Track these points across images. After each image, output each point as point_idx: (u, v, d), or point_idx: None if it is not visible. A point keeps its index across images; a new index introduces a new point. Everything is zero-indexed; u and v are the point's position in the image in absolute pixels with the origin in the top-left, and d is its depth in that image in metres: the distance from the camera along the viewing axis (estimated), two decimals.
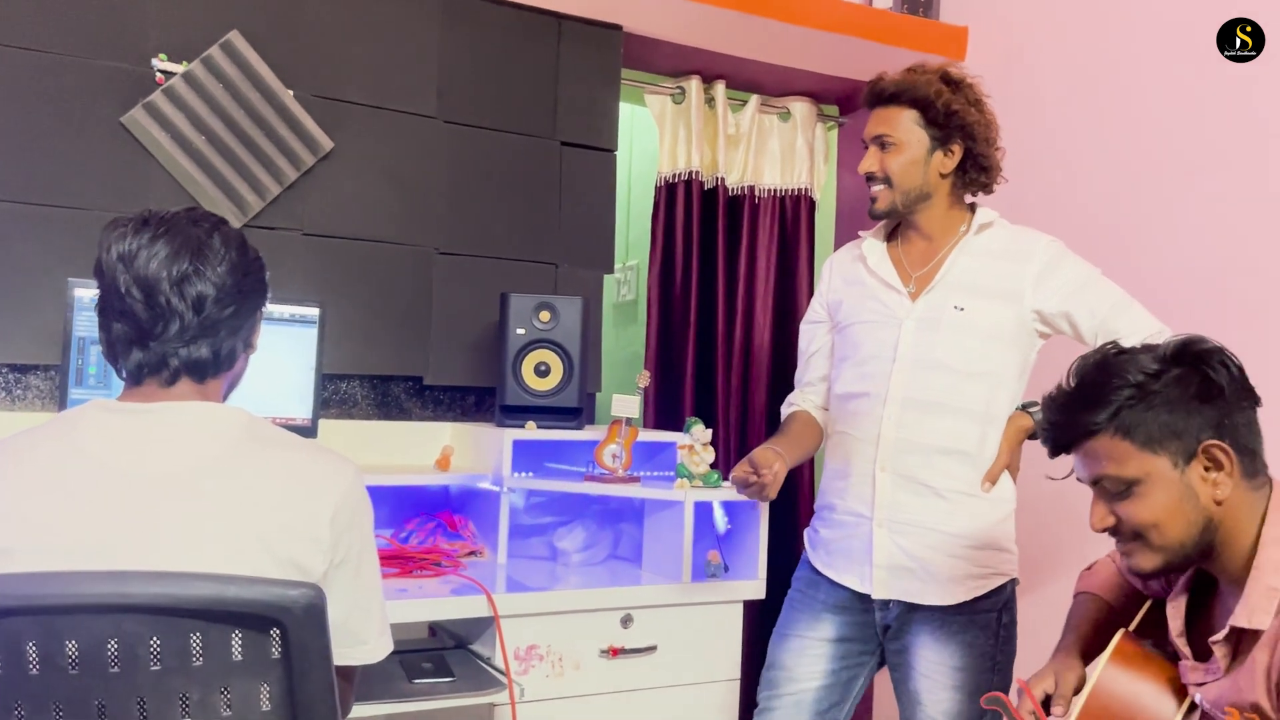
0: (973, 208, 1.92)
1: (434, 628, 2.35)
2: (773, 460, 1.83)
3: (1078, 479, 1.37)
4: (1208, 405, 1.26)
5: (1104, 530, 1.35)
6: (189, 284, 1.29)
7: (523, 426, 2.41)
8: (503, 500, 2.37)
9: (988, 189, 1.91)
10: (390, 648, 1.46)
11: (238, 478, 1.28)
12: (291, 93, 2.44)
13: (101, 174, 2.30)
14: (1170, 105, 2.40)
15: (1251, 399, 1.30)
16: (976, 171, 1.87)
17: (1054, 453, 1.38)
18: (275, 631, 1.17)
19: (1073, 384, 1.33)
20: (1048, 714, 1.42)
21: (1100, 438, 1.30)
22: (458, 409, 2.74)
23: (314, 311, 2.28)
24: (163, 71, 2.31)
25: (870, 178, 1.89)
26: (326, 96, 2.53)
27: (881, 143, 1.87)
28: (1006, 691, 1.49)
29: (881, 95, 1.87)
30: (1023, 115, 2.77)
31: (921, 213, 1.89)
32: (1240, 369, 1.29)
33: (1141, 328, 1.78)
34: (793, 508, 3.06)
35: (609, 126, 2.89)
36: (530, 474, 2.45)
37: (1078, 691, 1.50)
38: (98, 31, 2.29)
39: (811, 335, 2.08)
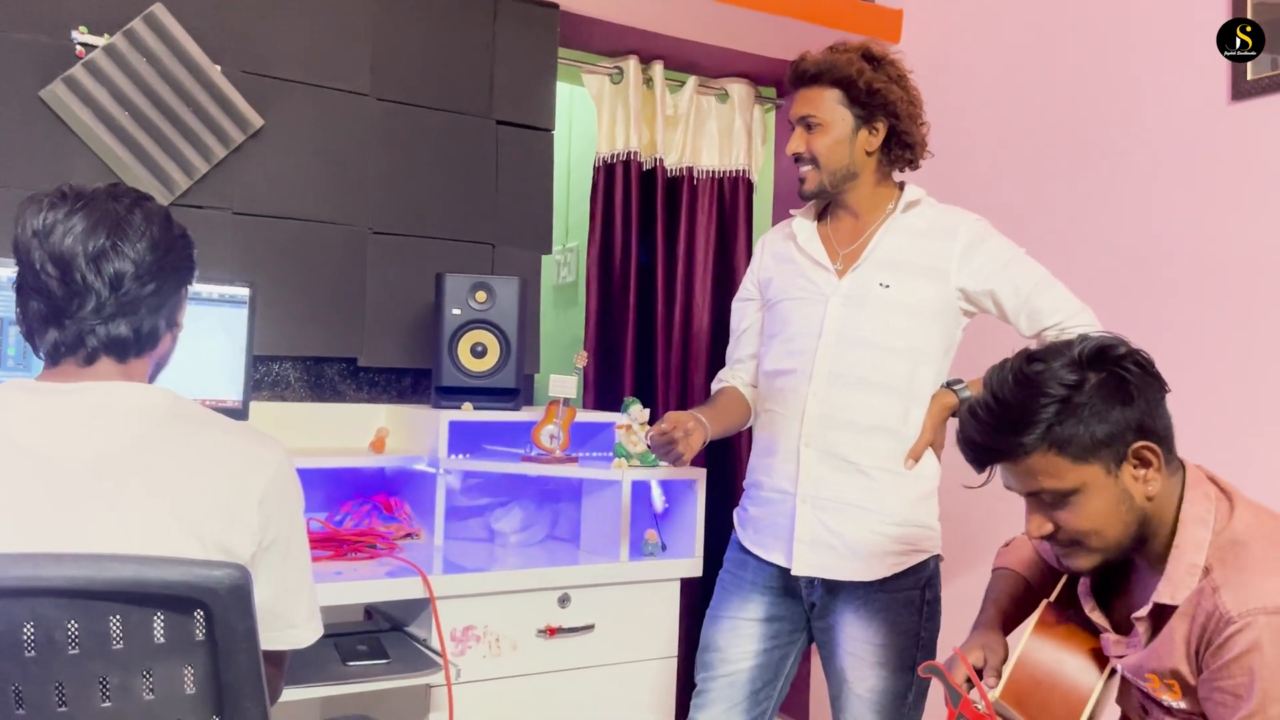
0: (901, 186, 1.94)
1: (370, 610, 2.34)
2: (687, 420, 1.83)
3: (1006, 488, 1.38)
4: (1129, 408, 1.29)
5: (1041, 538, 1.36)
6: (106, 260, 1.25)
7: (459, 408, 2.40)
8: (439, 482, 2.35)
9: (914, 165, 1.93)
10: (320, 632, 1.44)
11: (160, 459, 1.25)
12: (219, 68, 2.38)
13: (20, 151, 2.23)
14: (1101, 86, 2.45)
15: (1162, 389, 1.33)
16: (901, 148, 1.89)
17: (981, 469, 1.38)
18: (199, 613, 1.15)
19: (994, 402, 1.32)
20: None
21: (1033, 456, 1.30)
22: (393, 391, 2.72)
23: (244, 292, 2.24)
24: (83, 44, 2.24)
25: (798, 158, 1.90)
26: (256, 72, 2.47)
27: (807, 123, 1.87)
28: (938, 674, 1.52)
29: (804, 75, 1.87)
30: (957, 96, 2.81)
31: (850, 191, 1.90)
32: (1150, 362, 1.31)
33: (1063, 307, 1.81)
34: (730, 487, 3.09)
35: (546, 106, 2.87)
36: (466, 455, 2.43)
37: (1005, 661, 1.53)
38: (14, 2, 2.22)
39: (742, 312, 2.09)
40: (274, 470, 1.33)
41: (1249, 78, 2.15)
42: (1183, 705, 1.30)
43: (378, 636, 2.12)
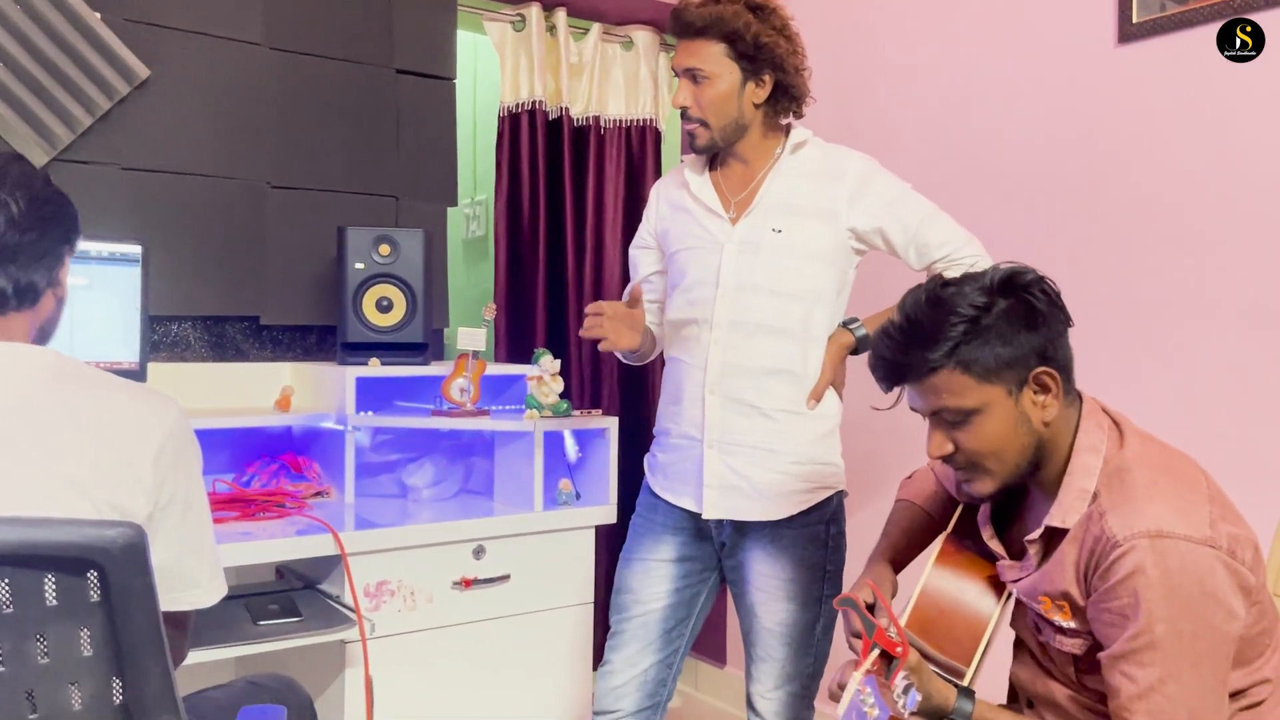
0: (788, 129, 1.95)
1: (281, 570, 2.31)
2: (618, 304, 1.86)
3: (911, 408, 1.41)
4: (1034, 333, 1.32)
5: (941, 458, 1.39)
6: None
7: (366, 364, 2.36)
8: (347, 439, 2.32)
9: (798, 114, 1.93)
10: (224, 591, 1.42)
11: (47, 419, 1.21)
12: (99, 15, 2.28)
13: None
14: (993, 29, 2.50)
15: (1065, 321, 1.37)
16: (788, 100, 1.89)
17: (888, 387, 1.41)
18: (92, 574, 1.12)
19: (905, 321, 1.36)
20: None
21: (940, 373, 1.33)
22: (298, 348, 2.66)
23: (136, 249, 2.16)
24: None
25: (685, 113, 1.88)
26: (139, 20, 2.37)
27: (693, 76, 1.85)
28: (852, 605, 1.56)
29: (689, 27, 1.83)
30: (856, 35, 2.83)
31: (739, 141, 1.90)
32: (1057, 294, 1.35)
33: (950, 238, 1.85)
34: (644, 434, 3.11)
35: (447, 54, 2.81)
36: (373, 412, 2.40)
37: (895, 595, 1.59)
38: None
39: (639, 261, 2.09)
40: (168, 427, 1.29)
41: (1135, 20, 2.22)
42: (1073, 625, 1.36)
43: (290, 595, 2.10)
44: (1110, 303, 2.23)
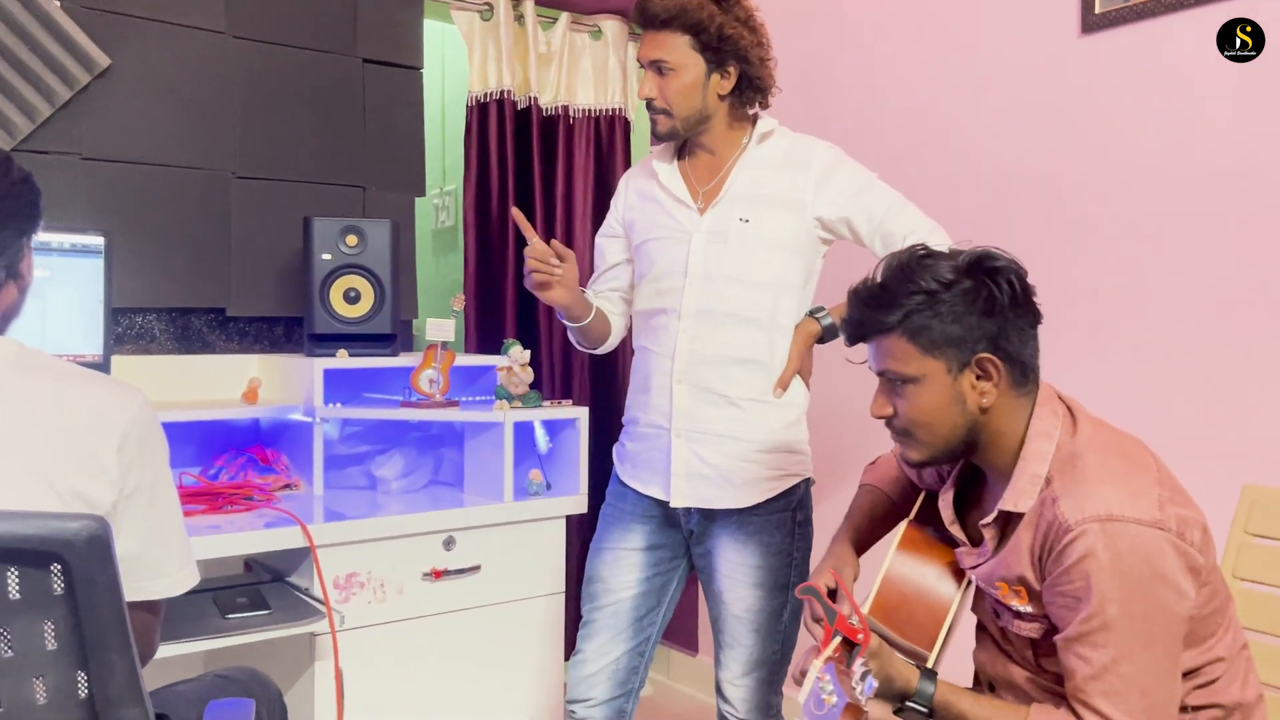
0: (754, 118, 1.96)
1: (250, 563, 2.30)
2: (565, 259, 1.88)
3: (868, 366, 1.46)
4: (988, 319, 1.34)
5: (880, 418, 1.43)
6: None
7: (334, 355, 2.35)
8: (316, 431, 2.31)
9: (764, 105, 1.94)
10: (195, 580, 1.42)
11: (8, 409, 1.20)
12: (58, 3, 2.25)
13: None
14: (958, 21, 2.52)
15: (1030, 317, 1.38)
16: (753, 91, 1.90)
17: (850, 342, 1.46)
18: (56, 567, 1.11)
19: (877, 281, 1.40)
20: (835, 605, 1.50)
21: (890, 336, 1.37)
22: (265, 340, 2.65)
23: (99, 241, 2.14)
24: None
25: (650, 104, 1.89)
26: (100, 8, 2.34)
27: (659, 68, 1.85)
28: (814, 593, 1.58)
29: (654, 19, 1.84)
30: (823, 26, 2.85)
31: (705, 132, 1.91)
32: (1024, 288, 1.37)
33: (916, 228, 1.86)
34: (614, 424, 3.12)
35: (413, 43, 2.80)
36: (341, 404, 2.39)
37: (857, 578, 1.61)
38: None
39: (606, 249, 2.09)
40: (132, 416, 1.29)
41: (1097, 11, 2.24)
42: (1029, 609, 1.38)
43: (258, 588, 2.09)
44: (1073, 290, 2.25)
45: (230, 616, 1.94)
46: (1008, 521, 1.40)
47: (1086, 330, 2.23)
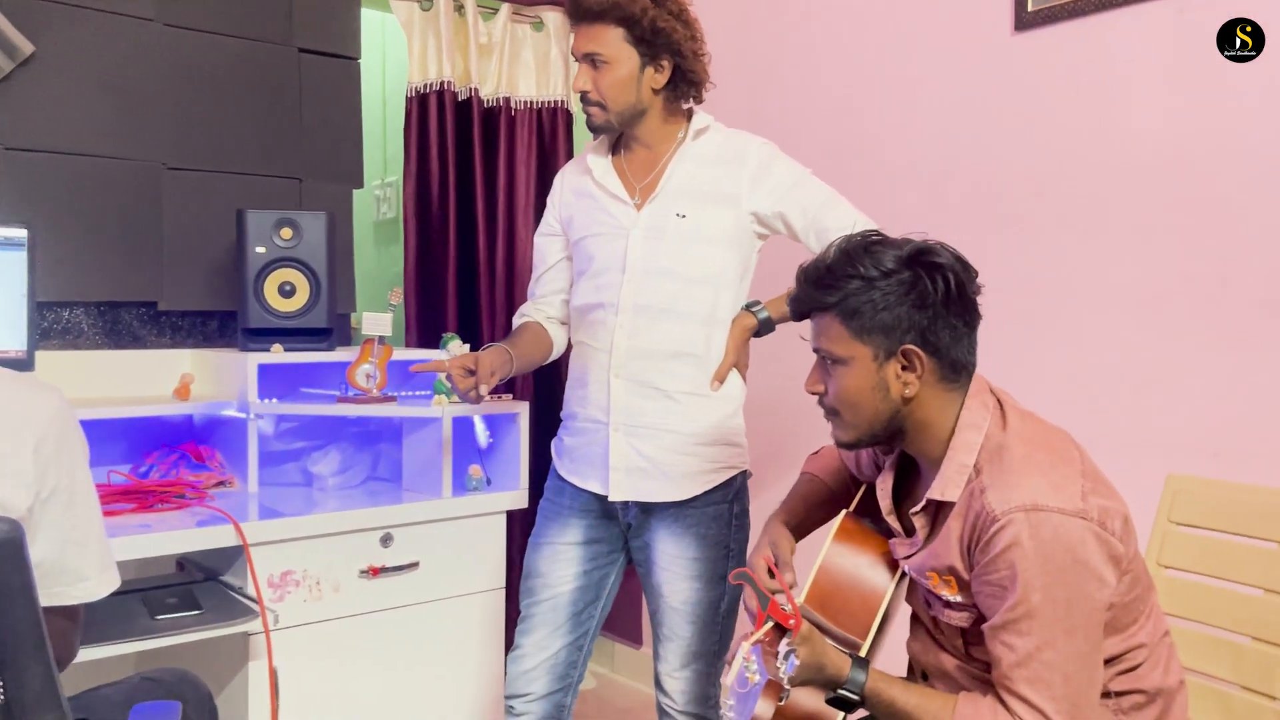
0: (689, 114, 1.96)
1: (182, 562, 2.26)
2: (496, 362, 1.86)
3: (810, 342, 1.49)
4: (918, 312, 1.36)
5: (812, 394, 1.47)
6: None
7: (268, 350, 2.31)
8: (250, 427, 2.27)
9: (698, 99, 1.95)
10: (115, 583, 1.39)
11: None
12: None
13: None
14: (895, 17, 2.54)
15: (965, 316, 1.40)
16: (686, 85, 1.90)
17: (795, 318, 1.49)
18: None
19: (825, 261, 1.42)
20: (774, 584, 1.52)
21: (827, 315, 1.40)
22: (198, 335, 2.59)
23: (20, 233, 2.08)
24: None
25: (585, 96, 1.88)
26: None
27: (593, 61, 1.85)
28: (748, 580, 1.59)
29: (587, 12, 1.84)
30: (763, 23, 2.85)
31: (639, 126, 1.91)
32: (959, 286, 1.38)
33: (846, 223, 1.88)
34: (556, 419, 3.10)
35: (350, 33, 2.76)
36: (277, 399, 2.36)
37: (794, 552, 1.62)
38: None
39: (545, 249, 2.08)
40: (48, 417, 1.26)
41: (1030, 9, 2.27)
42: (959, 599, 1.40)
43: (190, 588, 2.05)
44: (1005, 284, 2.28)
45: (160, 617, 1.90)
46: (938, 511, 1.42)
47: (1019, 323, 2.26)
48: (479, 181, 3.07)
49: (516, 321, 2.10)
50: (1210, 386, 1.97)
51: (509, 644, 2.22)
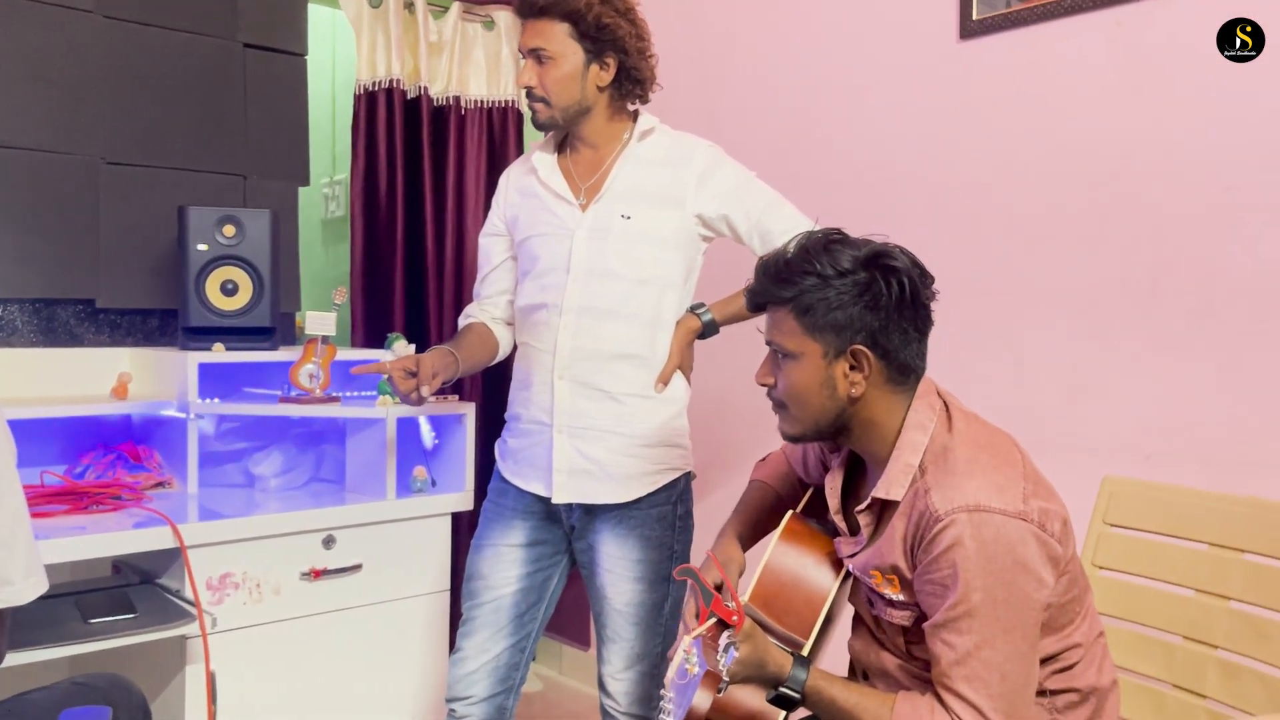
0: (635, 115, 1.97)
1: (118, 565, 2.21)
2: (438, 362, 1.83)
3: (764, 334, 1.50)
4: (871, 314, 1.37)
5: (762, 385, 1.48)
6: None
7: (209, 349, 2.28)
8: (190, 427, 2.23)
9: (644, 99, 1.95)
10: (43, 588, 1.36)
11: None
12: None
13: None
14: (842, 25, 2.56)
15: (917, 320, 1.41)
16: (631, 84, 1.91)
17: (752, 310, 1.50)
18: None
19: (785, 255, 1.43)
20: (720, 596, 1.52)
21: (782, 309, 1.42)
22: (138, 333, 2.54)
23: None
24: None
25: (530, 92, 1.88)
26: None
27: (538, 56, 1.85)
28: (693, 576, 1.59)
29: (533, 7, 1.84)
30: (715, 27, 2.87)
31: (584, 124, 1.91)
32: (913, 291, 1.39)
33: (790, 226, 1.88)
34: (503, 420, 3.09)
35: (296, 28, 2.72)
36: (218, 399, 2.32)
37: (743, 573, 1.63)
38: None
39: (490, 249, 2.07)
40: None
41: (975, 17, 2.30)
42: (901, 598, 1.41)
43: (125, 591, 2.01)
44: (951, 288, 2.30)
45: (93, 621, 1.86)
46: (883, 511, 1.43)
47: (962, 326, 2.29)
48: (428, 181, 3.05)
49: (461, 323, 2.09)
50: (1145, 391, 2.01)
51: (453, 646, 2.20)
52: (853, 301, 1.37)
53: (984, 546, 1.29)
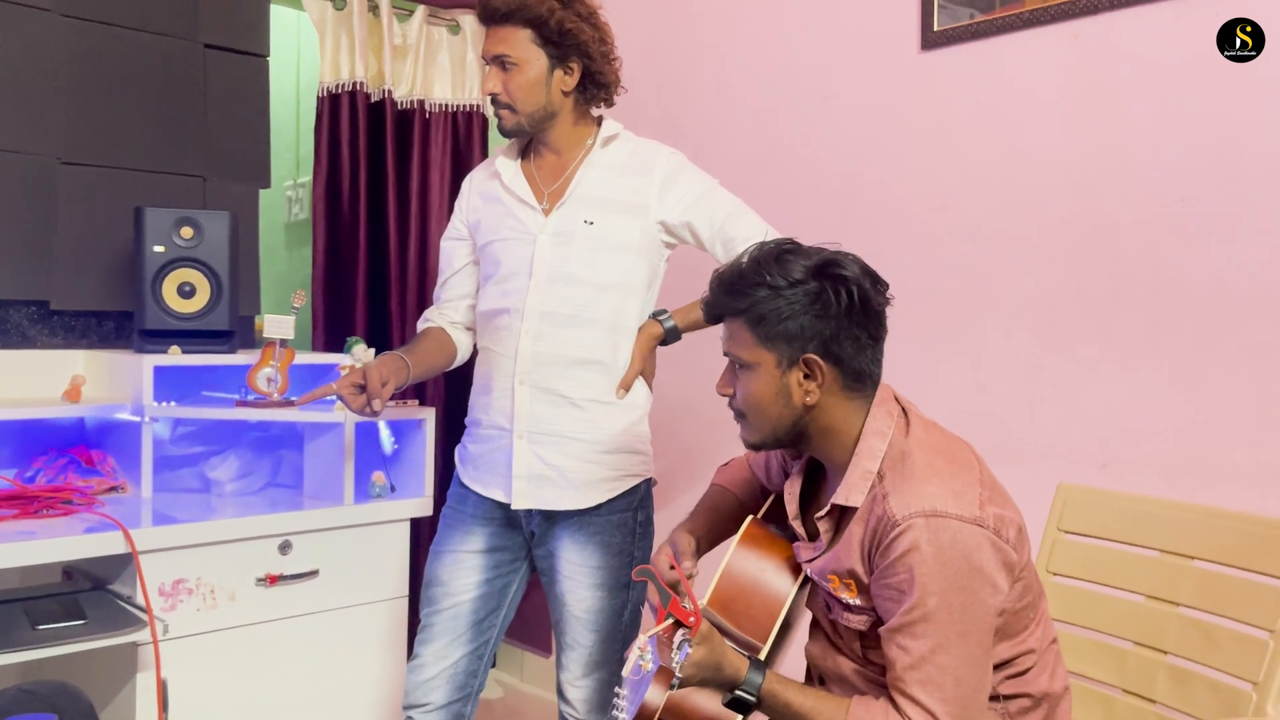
0: (599, 121, 1.97)
1: (69, 571, 2.17)
2: (385, 370, 1.81)
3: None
4: (821, 322, 1.39)
5: (723, 395, 1.49)
6: None
7: (165, 351, 2.25)
8: (144, 431, 2.20)
9: (609, 103, 1.95)
10: None
11: None
12: None
13: None
14: (808, 35, 2.57)
15: (869, 327, 1.42)
16: (596, 87, 1.91)
17: (708, 321, 1.52)
18: None
19: (738, 267, 1.44)
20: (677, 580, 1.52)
21: (736, 321, 1.43)
22: (93, 335, 2.51)
23: None
24: None
25: (495, 99, 1.88)
26: None
27: (502, 63, 1.85)
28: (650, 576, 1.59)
29: (495, 13, 1.84)
30: (681, 35, 2.87)
31: (549, 130, 1.91)
32: (864, 298, 1.40)
33: (753, 234, 1.90)
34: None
35: (258, 30, 2.70)
36: (174, 402, 2.29)
37: (700, 554, 1.63)
38: None
39: (452, 253, 2.06)
40: None
41: (936, 29, 2.32)
42: (858, 602, 1.42)
43: (75, 597, 1.98)
44: (913, 295, 2.33)
45: (41, 627, 1.83)
46: (842, 516, 1.43)
47: (922, 334, 2.31)
48: (391, 184, 3.03)
49: (420, 326, 2.07)
50: (1102, 399, 2.03)
51: (410, 653, 2.19)
52: (803, 311, 1.38)
53: (941, 551, 1.30)
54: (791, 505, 1.55)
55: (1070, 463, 2.05)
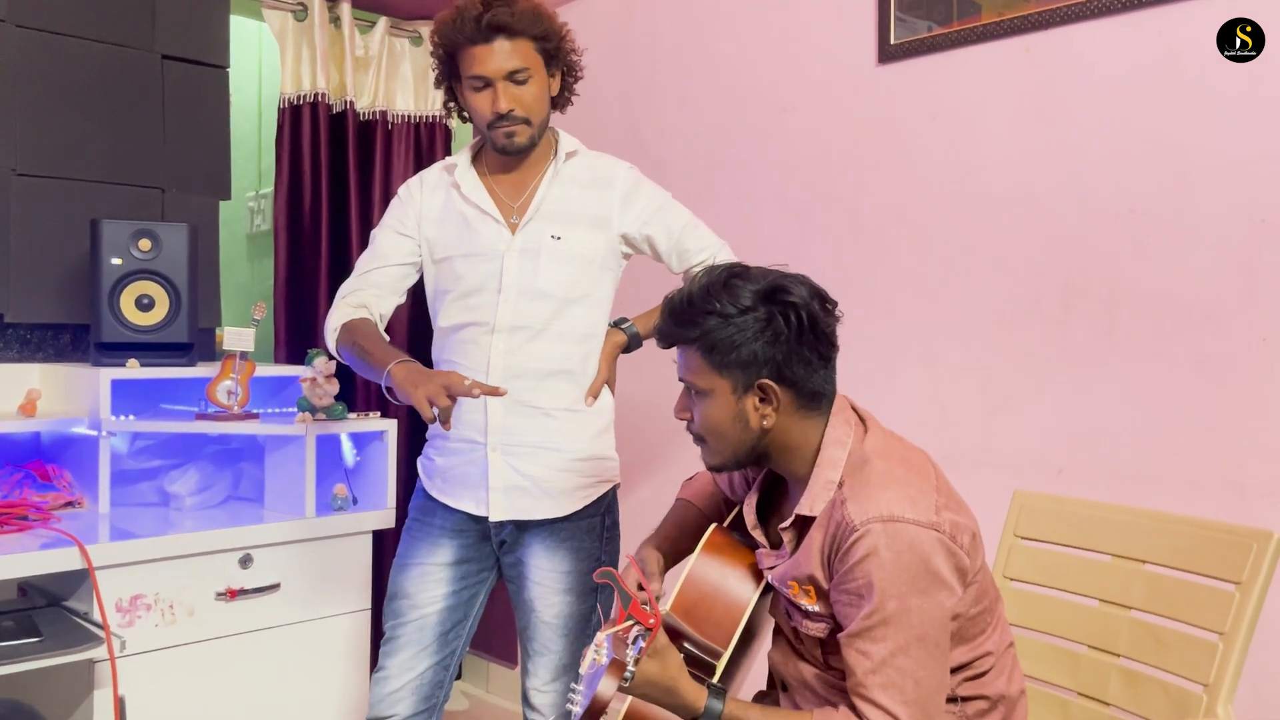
0: (555, 134, 1.97)
1: (24, 587, 2.14)
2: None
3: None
4: (773, 348, 1.40)
5: (681, 420, 1.50)
6: None
7: (123, 365, 2.22)
8: (102, 445, 2.18)
9: (563, 111, 1.97)
10: None
11: None
12: None
13: None
14: (766, 48, 2.60)
15: (820, 349, 1.43)
16: (564, 97, 1.94)
17: (664, 346, 1.52)
18: None
19: (687, 296, 1.45)
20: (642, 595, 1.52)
21: (690, 348, 1.44)
22: (49, 349, 2.48)
23: None
24: None
25: (509, 115, 1.83)
26: None
27: (516, 78, 1.82)
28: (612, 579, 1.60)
29: (506, 28, 1.80)
30: (641, 50, 2.89)
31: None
32: (813, 321, 1.41)
33: (707, 245, 1.94)
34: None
35: (218, 40, 2.69)
36: (132, 416, 2.26)
37: (665, 570, 1.64)
38: None
39: (393, 245, 1.97)
40: None
41: (892, 42, 2.36)
42: (818, 608, 1.43)
43: (30, 614, 1.95)
44: (868, 306, 2.36)
45: None
46: (804, 524, 1.45)
47: (879, 344, 2.34)
48: (353, 195, 3.02)
49: (355, 313, 1.92)
50: (1055, 407, 2.07)
51: (374, 665, 2.18)
52: (754, 338, 1.39)
53: (899, 556, 1.31)
54: (750, 517, 1.57)
55: (1026, 470, 2.08)
